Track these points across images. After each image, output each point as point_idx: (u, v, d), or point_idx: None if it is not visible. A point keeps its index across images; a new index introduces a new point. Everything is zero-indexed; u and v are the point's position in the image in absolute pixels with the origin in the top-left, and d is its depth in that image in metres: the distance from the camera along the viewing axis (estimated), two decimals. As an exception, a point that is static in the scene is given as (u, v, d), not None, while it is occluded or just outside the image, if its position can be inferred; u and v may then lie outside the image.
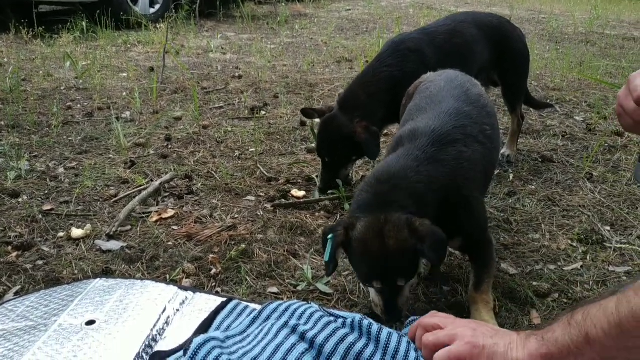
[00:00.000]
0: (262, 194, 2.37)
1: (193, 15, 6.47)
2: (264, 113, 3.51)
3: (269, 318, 1.25)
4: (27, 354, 1.21)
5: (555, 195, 2.37)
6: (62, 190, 2.36)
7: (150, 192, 2.29)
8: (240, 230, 2.04)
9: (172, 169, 2.58)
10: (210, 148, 2.89)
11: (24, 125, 3.13)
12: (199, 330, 1.26)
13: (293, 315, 1.21)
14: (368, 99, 2.37)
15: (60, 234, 2.00)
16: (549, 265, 1.85)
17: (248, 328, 1.24)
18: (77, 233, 1.99)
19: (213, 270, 1.78)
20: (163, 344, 1.27)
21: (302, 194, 2.35)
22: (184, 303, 1.44)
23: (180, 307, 1.42)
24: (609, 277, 1.79)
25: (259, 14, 7.75)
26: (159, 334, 1.30)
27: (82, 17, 5.86)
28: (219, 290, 1.68)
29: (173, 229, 2.06)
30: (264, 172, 2.57)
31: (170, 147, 2.90)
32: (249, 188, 2.42)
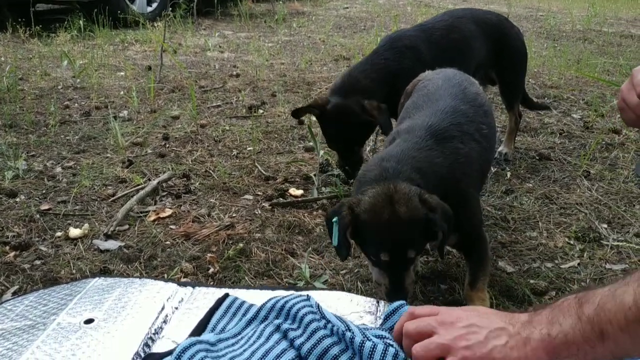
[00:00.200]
0: (259, 193, 2.37)
1: (190, 14, 6.46)
2: (262, 112, 3.51)
3: (267, 318, 1.25)
4: (25, 353, 1.21)
5: (553, 193, 2.37)
6: (59, 190, 2.36)
7: (148, 191, 2.29)
8: (238, 229, 2.04)
9: (169, 168, 2.58)
10: (208, 147, 2.89)
11: (21, 125, 3.13)
12: (195, 332, 1.26)
13: (288, 316, 1.20)
14: (370, 83, 2.37)
15: (58, 234, 2.00)
16: (546, 263, 1.86)
17: (243, 330, 1.24)
18: (74, 233, 1.99)
19: (211, 270, 1.78)
20: (161, 343, 1.27)
21: (300, 193, 2.35)
22: (183, 300, 1.44)
23: (179, 304, 1.42)
24: (606, 274, 1.79)
25: (257, 12, 7.74)
26: (157, 333, 1.30)
27: (79, 15, 5.85)
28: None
29: (171, 228, 2.06)
30: (262, 170, 2.57)
31: (168, 146, 2.90)
32: (247, 187, 2.42)
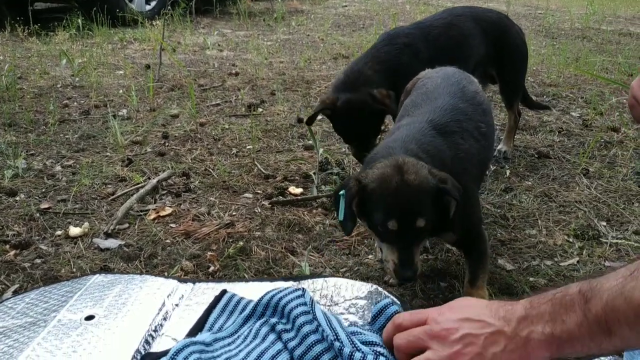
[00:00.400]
0: (259, 191, 2.37)
1: (189, 12, 6.46)
2: (261, 110, 3.51)
3: (264, 314, 1.26)
4: (26, 350, 1.21)
5: (552, 191, 2.38)
6: (59, 189, 2.36)
7: (148, 190, 2.30)
8: (238, 228, 2.05)
9: (169, 167, 2.58)
10: (208, 145, 2.89)
11: (21, 124, 3.12)
12: (193, 331, 1.27)
13: (282, 314, 1.21)
14: (374, 74, 2.38)
15: (58, 233, 2.00)
16: (546, 261, 1.87)
17: (240, 327, 1.25)
18: (75, 231, 1.99)
19: (211, 268, 1.79)
20: (161, 341, 1.27)
21: (299, 191, 2.35)
22: (183, 297, 1.44)
23: (179, 301, 1.43)
24: (605, 272, 1.80)
25: (255, 11, 7.73)
26: (157, 330, 1.30)
27: (77, 14, 5.84)
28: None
29: (171, 227, 2.06)
30: (261, 169, 2.58)
31: (168, 144, 2.90)
32: (247, 185, 2.42)
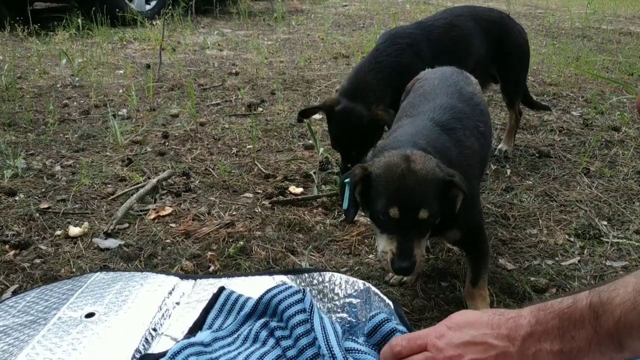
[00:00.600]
0: (259, 191, 2.37)
1: (189, 12, 6.45)
2: (261, 110, 3.50)
3: (265, 313, 1.25)
4: (26, 348, 1.21)
5: (553, 191, 2.37)
6: (59, 189, 2.35)
7: (148, 189, 2.29)
8: (238, 227, 2.04)
9: (169, 167, 2.58)
10: (208, 145, 2.89)
11: (20, 123, 3.12)
12: (191, 331, 1.26)
13: (282, 319, 1.20)
14: (377, 84, 2.36)
15: (58, 232, 2.00)
16: (547, 260, 1.86)
17: (241, 326, 1.24)
18: (74, 231, 1.99)
19: (211, 268, 1.78)
20: (160, 340, 1.27)
21: (299, 191, 2.35)
22: (184, 295, 1.44)
23: (180, 299, 1.42)
24: (606, 271, 1.80)
25: (255, 10, 7.73)
26: (157, 328, 1.30)
27: (77, 14, 5.83)
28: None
29: (171, 227, 2.06)
30: (262, 168, 2.57)
31: (168, 144, 2.90)
32: (247, 185, 2.42)
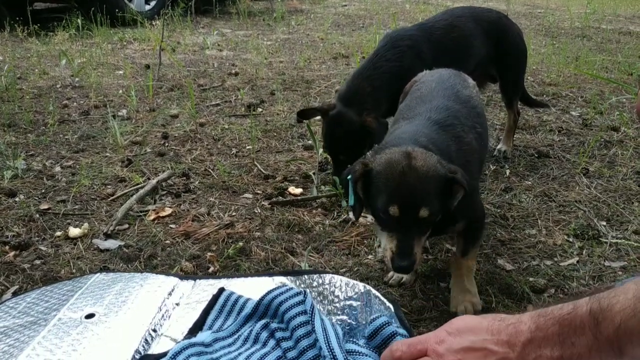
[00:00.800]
0: (259, 192, 2.37)
1: (189, 12, 6.45)
2: (261, 110, 3.50)
3: (265, 314, 1.26)
4: (26, 349, 1.22)
5: (552, 191, 2.38)
6: (59, 189, 2.36)
7: (148, 190, 2.29)
8: (238, 228, 2.05)
9: (169, 167, 2.58)
10: (207, 146, 2.89)
11: (20, 124, 3.12)
12: (192, 330, 1.27)
13: (282, 320, 1.20)
14: (373, 91, 2.36)
15: (58, 233, 2.00)
16: (545, 261, 1.86)
17: (241, 327, 1.25)
18: (74, 232, 1.99)
19: (211, 268, 1.79)
20: (160, 340, 1.28)
21: (299, 191, 2.35)
22: (184, 295, 1.45)
23: (180, 300, 1.43)
24: (605, 272, 1.80)
25: (255, 10, 7.73)
26: (157, 329, 1.31)
27: (77, 14, 5.84)
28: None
29: (171, 227, 2.06)
30: (261, 169, 2.58)
31: (167, 145, 2.90)
32: (246, 186, 2.42)
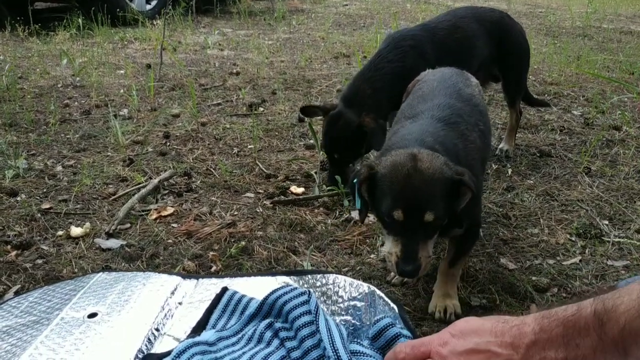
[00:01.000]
0: (261, 191, 2.37)
1: (190, 12, 6.45)
2: (262, 109, 3.50)
3: (270, 313, 1.25)
4: (29, 349, 1.22)
5: (554, 190, 2.38)
6: (60, 189, 2.35)
7: (149, 189, 2.29)
8: (240, 227, 2.04)
9: (170, 167, 2.58)
10: (209, 145, 2.89)
11: (21, 124, 3.12)
12: (196, 330, 1.26)
13: (287, 320, 1.20)
14: (374, 93, 2.36)
15: (60, 233, 2.00)
16: (548, 260, 1.86)
17: (245, 326, 1.24)
18: (76, 231, 1.99)
19: (213, 268, 1.79)
20: (163, 339, 1.28)
21: (301, 191, 2.35)
22: (186, 295, 1.44)
23: (182, 299, 1.43)
24: (608, 271, 1.80)
25: (256, 10, 7.72)
26: (160, 328, 1.31)
27: (77, 14, 5.83)
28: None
29: (173, 227, 2.06)
30: (263, 168, 2.57)
31: (169, 144, 2.90)
32: (248, 185, 2.42)
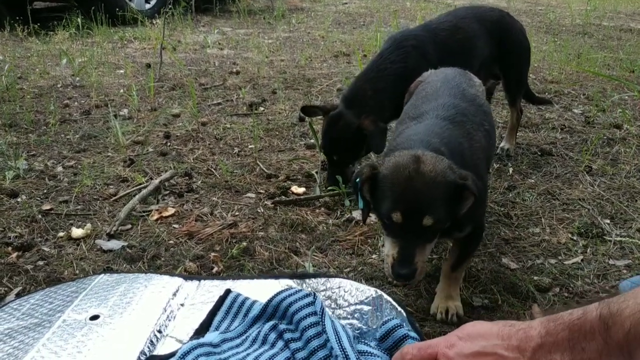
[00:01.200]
0: (262, 191, 2.36)
1: (189, 11, 6.44)
2: (263, 109, 3.50)
3: (274, 315, 1.25)
4: (31, 351, 1.22)
5: (555, 189, 2.37)
6: (61, 190, 2.35)
7: (150, 190, 2.29)
8: (241, 228, 2.04)
9: (171, 167, 2.57)
10: (210, 145, 2.88)
11: (21, 124, 3.11)
12: (199, 332, 1.26)
13: (291, 321, 1.20)
14: (375, 94, 2.36)
15: (61, 234, 2.00)
16: (550, 259, 1.86)
17: (249, 328, 1.24)
18: (77, 233, 1.99)
19: (215, 269, 1.78)
20: (165, 341, 1.27)
21: (302, 191, 2.35)
22: (188, 296, 1.44)
23: (184, 300, 1.43)
24: (610, 270, 1.80)
25: (256, 9, 7.71)
26: (162, 330, 1.31)
27: (77, 13, 5.82)
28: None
29: (174, 228, 2.05)
30: (264, 168, 2.57)
31: (169, 144, 2.89)
32: (249, 185, 2.42)
